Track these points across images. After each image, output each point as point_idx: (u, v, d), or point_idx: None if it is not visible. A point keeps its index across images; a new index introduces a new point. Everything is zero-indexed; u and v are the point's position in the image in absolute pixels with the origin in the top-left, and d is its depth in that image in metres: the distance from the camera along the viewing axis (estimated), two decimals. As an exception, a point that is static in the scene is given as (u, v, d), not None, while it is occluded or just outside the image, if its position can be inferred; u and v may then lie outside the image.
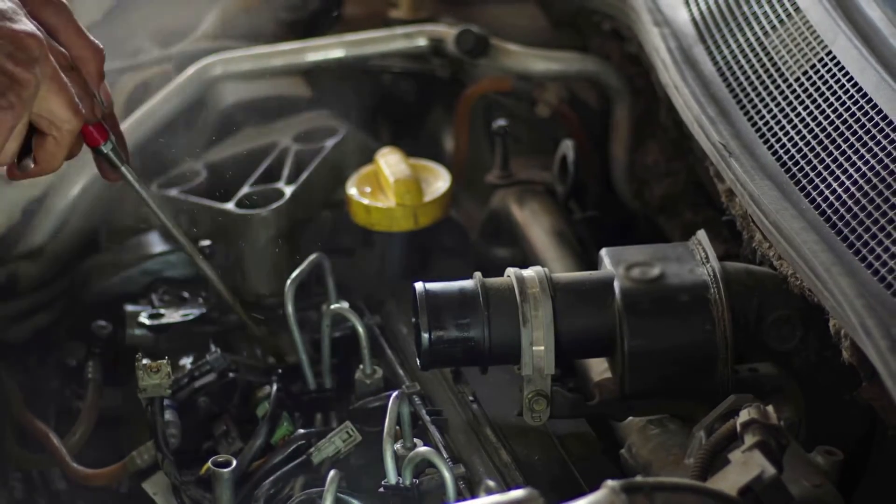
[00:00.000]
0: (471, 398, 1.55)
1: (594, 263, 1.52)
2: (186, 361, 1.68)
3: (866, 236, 1.35)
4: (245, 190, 1.86)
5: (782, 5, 1.65)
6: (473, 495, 1.36)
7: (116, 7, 2.34)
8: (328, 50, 2.06)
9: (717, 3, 1.75)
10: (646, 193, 1.99)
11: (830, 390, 1.47)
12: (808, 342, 1.46)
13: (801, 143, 1.50)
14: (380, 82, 2.21)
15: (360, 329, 1.59)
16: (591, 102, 2.13)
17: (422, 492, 1.40)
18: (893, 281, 1.29)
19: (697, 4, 1.78)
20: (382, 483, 1.40)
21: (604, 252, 1.49)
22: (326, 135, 1.96)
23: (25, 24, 1.35)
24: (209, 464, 1.44)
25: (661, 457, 1.39)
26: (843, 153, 1.44)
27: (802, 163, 1.48)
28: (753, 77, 1.61)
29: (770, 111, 1.56)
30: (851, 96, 1.48)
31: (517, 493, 1.18)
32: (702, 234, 1.50)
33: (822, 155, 1.46)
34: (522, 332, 1.42)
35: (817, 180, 1.45)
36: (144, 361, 1.51)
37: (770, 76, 1.60)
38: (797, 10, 1.63)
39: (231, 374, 1.64)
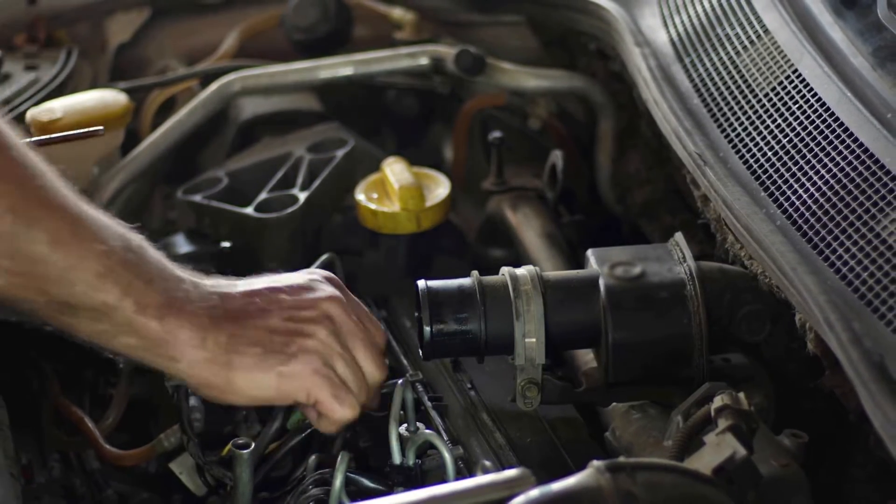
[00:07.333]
0: (469, 386, 1.55)
1: (581, 263, 1.52)
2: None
3: (829, 238, 1.35)
4: (263, 196, 1.86)
5: (752, 27, 1.65)
6: (471, 474, 1.37)
7: (145, 29, 2.34)
8: (338, 68, 2.06)
9: (693, 25, 1.75)
10: (628, 199, 1.99)
11: (797, 378, 1.47)
12: (776, 335, 1.47)
13: (769, 153, 1.50)
14: (385, 97, 2.22)
15: (368, 323, 1.59)
16: (579, 116, 2.13)
17: (424, 471, 1.40)
18: (854, 279, 1.30)
19: (675, 27, 1.78)
20: (388, 463, 1.40)
21: (590, 252, 1.49)
22: (337, 145, 1.96)
23: (324, 291, 1.38)
24: (230, 446, 1.44)
25: (642, 439, 1.39)
26: (808, 162, 1.44)
27: (771, 171, 1.48)
28: (726, 93, 1.61)
29: (741, 124, 1.56)
30: (816, 110, 1.48)
31: (511, 473, 1.18)
32: (679, 236, 1.50)
33: (789, 164, 1.46)
34: (516, 325, 1.42)
35: (784, 187, 1.45)
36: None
37: (741, 92, 1.60)
38: (766, 31, 1.63)
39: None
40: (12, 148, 1.23)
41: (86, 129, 1.56)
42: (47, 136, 1.59)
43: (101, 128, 1.55)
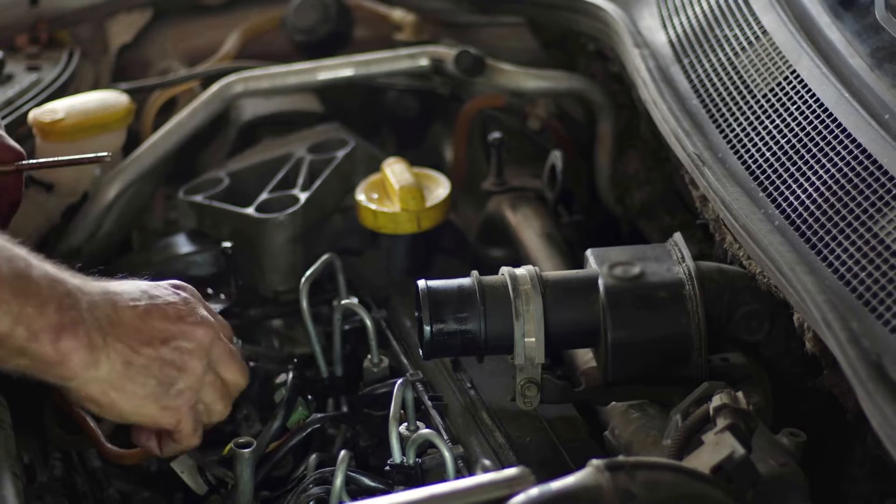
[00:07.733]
0: (468, 385, 1.55)
1: (580, 263, 1.52)
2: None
3: (827, 238, 1.35)
4: (264, 196, 1.86)
5: (751, 28, 1.65)
6: (471, 473, 1.36)
7: (147, 30, 2.34)
8: (339, 69, 2.05)
9: (692, 26, 1.75)
10: (627, 199, 1.99)
11: (795, 378, 1.47)
12: (774, 334, 1.47)
13: (768, 154, 1.50)
14: (385, 98, 2.21)
15: (368, 322, 1.59)
16: (578, 117, 2.13)
17: (424, 470, 1.40)
18: (852, 279, 1.30)
19: (674, 28, 1.78)
20: (388, 462, 1.40)
21: (589, 252, 1.49)
22: (337, 146, 1.96)
23: (197, 316, 1.38)
24: (231, 445, 1.44)
25: (641, 438, 1.39)
26: (806, 162, 1.44)
27: (769, 171, 1.48)
28: (725, 93, 1.61)
29: (740, 124, 1.56)
30: (814, 111, 1.48)
31: (511, 471, 1.18)
32: (678, 236, 1.50)
33: (788, 164, 1.46)
34: (515, 324, 1.42)
35: (783, 187, 1.45)
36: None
37: (740, 92, 1.60)
38: (765, 32, 1.63)
39: (252, 364, 1.63)
40: None
41: (92, 155, 1.58)
42: (53, 160, 1.60)
43: (107, 154, 1.57)
